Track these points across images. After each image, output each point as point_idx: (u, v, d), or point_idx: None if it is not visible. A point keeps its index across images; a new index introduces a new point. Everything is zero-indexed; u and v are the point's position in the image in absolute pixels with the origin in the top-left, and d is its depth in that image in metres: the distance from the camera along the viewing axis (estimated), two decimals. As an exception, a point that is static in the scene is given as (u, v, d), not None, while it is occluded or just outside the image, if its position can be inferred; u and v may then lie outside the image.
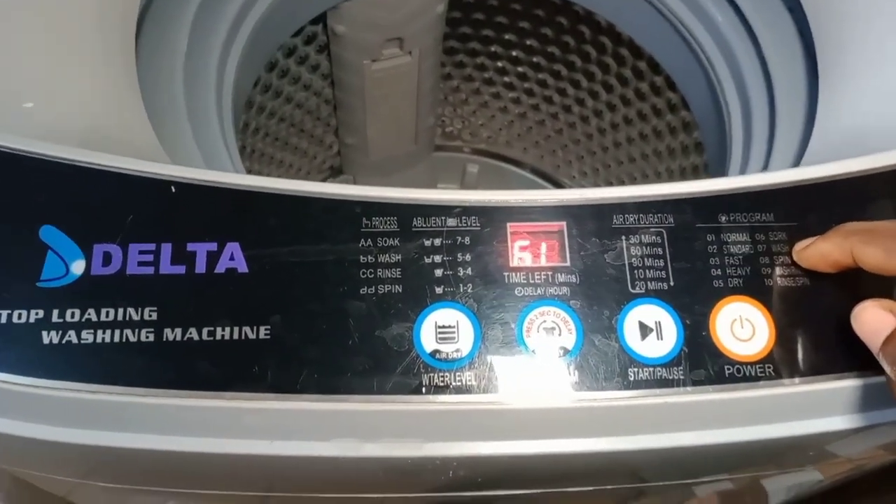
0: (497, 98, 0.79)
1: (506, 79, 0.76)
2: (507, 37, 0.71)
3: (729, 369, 0.29)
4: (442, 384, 0.29)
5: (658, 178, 0.71)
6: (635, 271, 0.31)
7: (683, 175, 0.67)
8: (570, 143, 0.79)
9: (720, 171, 0.54)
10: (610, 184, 0.78)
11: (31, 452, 0.32)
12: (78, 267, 0.29)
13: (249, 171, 0.57)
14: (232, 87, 0.48)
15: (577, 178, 0.82)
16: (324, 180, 0.82)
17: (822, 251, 0.30)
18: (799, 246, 0.31)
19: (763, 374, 0.29)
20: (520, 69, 0.75)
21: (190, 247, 0.30)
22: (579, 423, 0.29)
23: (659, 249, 0.31)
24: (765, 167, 0.46)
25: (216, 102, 0.45)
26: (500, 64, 0.74)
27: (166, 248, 0.30)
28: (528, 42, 0.71)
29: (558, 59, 0.72)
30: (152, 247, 0.30)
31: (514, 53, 0.73)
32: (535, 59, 0.73)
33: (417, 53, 0.69)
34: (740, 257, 0.31)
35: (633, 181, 0.74)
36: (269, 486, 0.36)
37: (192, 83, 0.44)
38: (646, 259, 0.31)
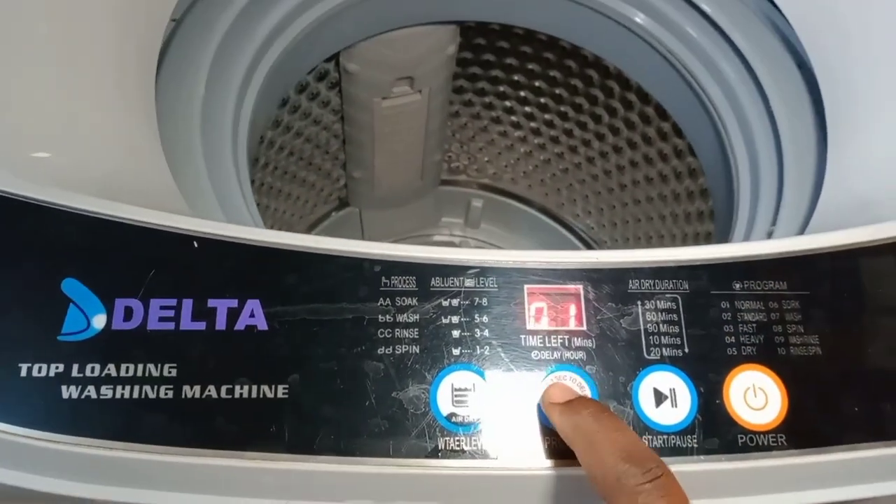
0: (504, 136, 0.79)
1: (513, 118, 0.77)
2: (515, 77, 0.72)
3: (742, 438, 0.30)
4: (457, 448, 0.29)
5: (663, 221, 0.71)
6: (651, 337, 0.31)
7: (688, 220, 0.68)
8: (576, 182, 0.79)
9: (726, 219, 0.55)
10: (614, 224, 0.79)
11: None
12: (99, 321, 0.29)
13: (258, 205, 0.57)
14: (248, 129, 0.49)
15: (580, 217, 0.83)
16: (330, 213, 0.82)
17: (555, 422, 0.28)
18: (549, 397, 0.29)
19: (775, 444, 0.30)
20: (527, 109, 0.75)
21: (211, 303, 0.30)
22: (592, 491, 0.29)
23: (674, 315, 0.31)
24: (773, 222, 0.46)
25: (232, 145, 0.45)
26: (507, 103, 0.75)
27: (187, 304, 0.30)
28: (537, 83, 0.72)
29: (566, 100, 0.72)
30: (173, 302, 0.30)
31: (522, 94, 0.74)
32: (542, 100, 0.74)
33: (427, 92, 0.70)
34: (754, 325, 0.31)
35: (637, 223, 0.75)
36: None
37: (210, 127, 0.45)
38: (661, 325, 0.31)
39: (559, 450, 0.29)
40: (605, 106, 0.70)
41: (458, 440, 0.29)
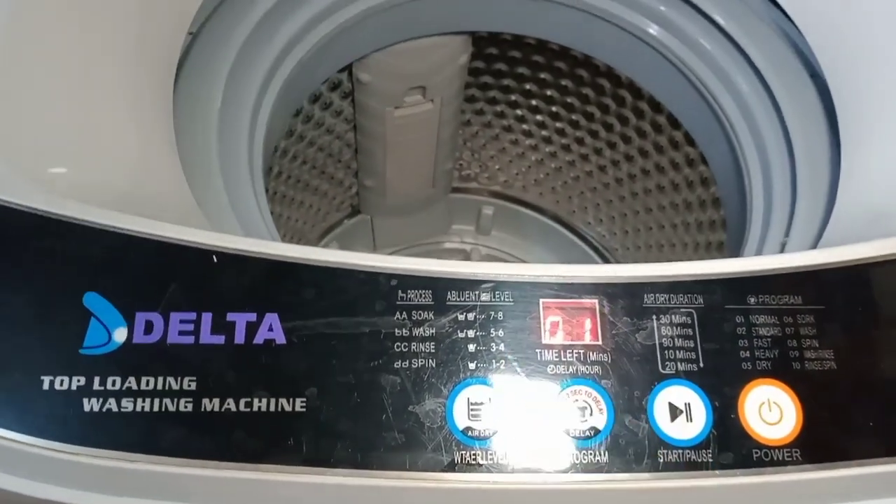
0: (515, 144, 0.80)
1: (525, 126, 0.77)
2: (527, 86, 0.72)
3: (756, 453, 0.30)
4: (473, 462, 0.29)
5: (674, 230, 0.71)
6: (666, 351, 0.31)
7: (700, 228, 0.68)
8: (587, 190, 0.80)
9: (739, 229, 0.55)
10: (625, 233, 0.79)
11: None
12: (120, 335, 0.30)
13: (272, 213, 0.58)
14: (263, 140, 0.49)
15: (592, 225, 0.83)
16: (342, 220, 0.83)
17: None
18: None
19: (790, 459, 0.30)
20: (539, 118, 0.76)
21: (230, 317, 0.30)
22: (609, 504, 0.30)
23: (689, 330, 0.31)
24: (786, 234, 0.46)
25: (248, 157, 0.46)
26: (519, 112, 0.76)
27: (206, 318, 0.30)
28: (548, 92, 0.72)
29: (577, 109, 0.73)
30: (193, 316, 0.30)
31: (533, 102, 0.74)
32: (554, 109, 0.74)
33: (439, 101, 0.70)
34: (769, 340, 0.32)
35: (649, 231, 0.75)
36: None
37: (226, 139, 0.45)
38: (676, 339, 0.31)
39: (576, 464, 0.29)
40: (616, 115, 0.70)
41: (475, 454, 0.29)
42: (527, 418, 0.30)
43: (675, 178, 0.69)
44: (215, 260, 0.31)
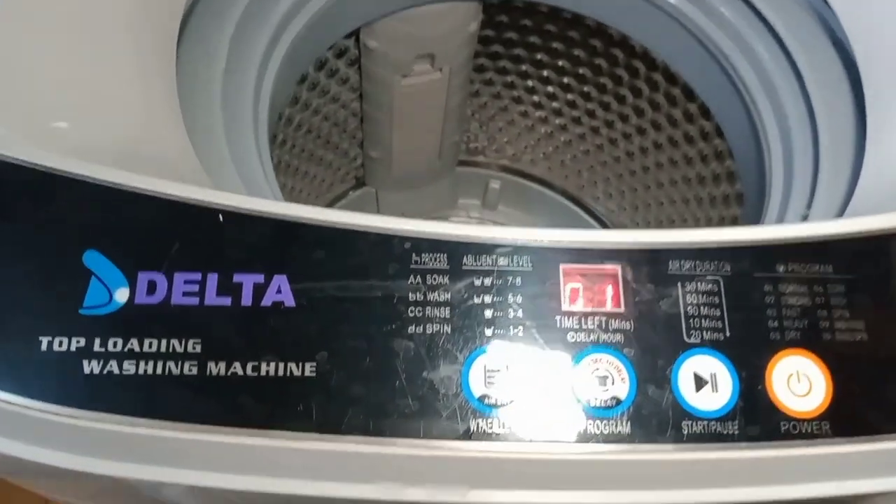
0: (524, 116, 0.78)
1: (535, 98, 0.75)
2: (538, 56, 0.71)
3: (784, 425, 0.29)
4: (490, 430, 0.28)
5: (686, 205, 0.70)
6: (691, 320, 0.30)
7: (713, 203, 0.66)
8: (597, 164, 0.78)
9: (756, 203, 0.54)
10: (635, 208, 0.77)
11: (70, 482, 0.31)
12: (122, 295, 0.29)
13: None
14: (269, 104, 0.48)
15: (601, 200, 0.81)
16: (347, 192, 0.81)
17: None
18: None
19: (819, 432, 0.29)
20: (549, 89, 0.74)
21: (236, 278, 0.29)
22: (631, 477, 0.28)
23: (715, 298, 0.30)
24: (808, 206, 0.45)
25: (253, 121, 0.44)
26: (529, 83, 0.74)
27: (212, 279, 0.29)
28: (560, 63, 0.71)
29: (589, 80, 0.71)
30: (198, 276, 0.29)
31: (544, 73, 0.72)
32: (565, 80, 0.72)
33: (448, 70, 0.69)
34: (798, 309, 0.30)
35: (660, 206, 0.73)
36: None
37: (230, 102, 0.44)
38: (702, 308, 0.30)
39: (596, 434, 0.28)
40: (629, 86, 0.68)
41: (491, 422, 0.28)
42: (546, 387, 0.29)
43: (688, 152, 0.67)
44: (221, 219, 0.30)
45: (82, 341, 0.28)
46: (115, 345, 0.28)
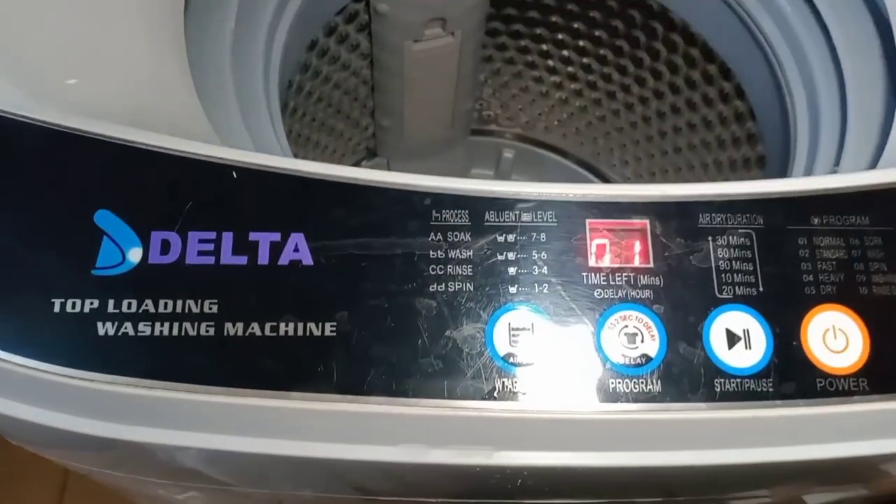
0: (539, 82, 0.76)
1: (549, 62, 0.74)
2: (553, 19, 0.69)
3: (821, 382, 0.28)
4: (515, 390, 0.27)
5: (705, 170, 0.68)
6: (723, 275, 0.29)
7: (733, 167, 0.65)
8: (613, 130, 0.77)
9: (780, 164, 0.52)
10: (652, 174, 0.76)
11: (85, 448, 0.30)
12: (135, 255, 0.28)
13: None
14: (279, 67, 0.46)
15: (617, 167, 0.80)
16: (358, 162, 0.80)
17: None
18: None
19: (857, 389, 0.28)
20: (564, 53, 0.72)
21: (252, 236, 0.28)
22: (662, 436, 0.28)
23: (748, 252, 0.29)
24: (836, 163, 0.43)
25: (264, 83, 0.43)
26: (544, 47, 0.72)
27: (227, 237, 0.28)
28: (575, 25, 0.69)
29: (605, 43, 0.69)
30: (213, 235, 0.28)
31: (559, 37, 0.71)
32: (580, 43, 0.70)
33: (460, 35, 0.67)
34: (833, 263, 0.29)
35: (678, 172, 0.72)
36: (323, 486, 0.34)
37: (240, 63, 0.43)
38: (734, 262, 0.29)
39: (626, 393, 0.27)
40: (647, 48, 0.66)
41: (517, 381, 0.27)
42: (572, 345, 0.28)
43: (707, 115, 0.66)
44: (235, 176, 0.29)
45: (96, 303, 0.27)
46: (129, 306, 0.27)
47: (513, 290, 0.28)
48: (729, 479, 0.32)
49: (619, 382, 0.27)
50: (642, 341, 0.28)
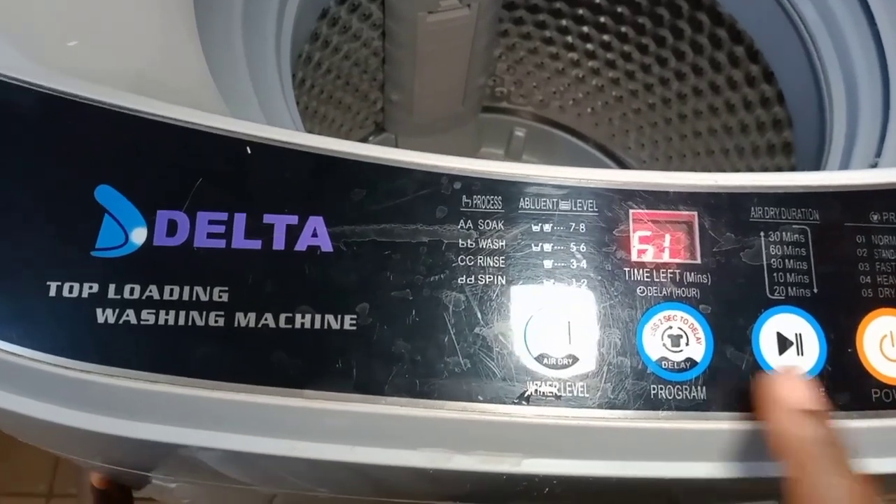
0: (555, 59, 0.74)
1: (567, 38, 0.71)
2: (573, -7, 0.66)
3: (876, 393, 0.26)
4: (549, 394, 0.25)
5: (725, 155, 0.66)
6: (775, 274, 0.27)
7: (756, 153, 0.63)
8: (630, 112, 0.74)
9: (813, 151, 0.50)
10: (669, 158, 0.74)
11: (85, 442, 0.28)
12: (138, 235, 0.25)
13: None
14: (290, 38, 0.44)
15: (633, 150, 0.77)
16: (366, 138, 0.77)
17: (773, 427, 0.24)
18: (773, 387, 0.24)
19: (915, 401, 0.26)
20: (584, 29, 0.69)
21: (267, 218, 0.26)
22: (707, 448, 0.26)
23: (802, 250, 0.27)
24: (878, 153, 0.41)
25: (275, 55, 0.41)
26: (563, 22, 0.69)
27: (240, 219, 0.26)
28: (597, 0, 0.66)
29: (627, 20, 0.66)
30: (224, 216, 0.26)
31: (579, 12, 0.68)
32: (601, 20, 0.68)
33: (476, 6, 0.64)
34: (893, 264, 0.27)
35: (696, 157, 0.70)
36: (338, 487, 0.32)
37: (251, 34, 0.40)
38: (787, 260, 0.27)
39: (669, 400, 0.25)
40: (670, 27, 0.64)
41: (551, 384, 0.25)
42: (612, 346, 0.26)
43: (730, 98, 0.63)
44: (249, 152, 0.27)
45: (95, 287, 0.25)
46: (131, 291, 0.25)
47: (549, 284, 0.26)
48: (772, 489, 0.30)
49: (662, 388, 0.25)
50: (687, 344, 0.26)
